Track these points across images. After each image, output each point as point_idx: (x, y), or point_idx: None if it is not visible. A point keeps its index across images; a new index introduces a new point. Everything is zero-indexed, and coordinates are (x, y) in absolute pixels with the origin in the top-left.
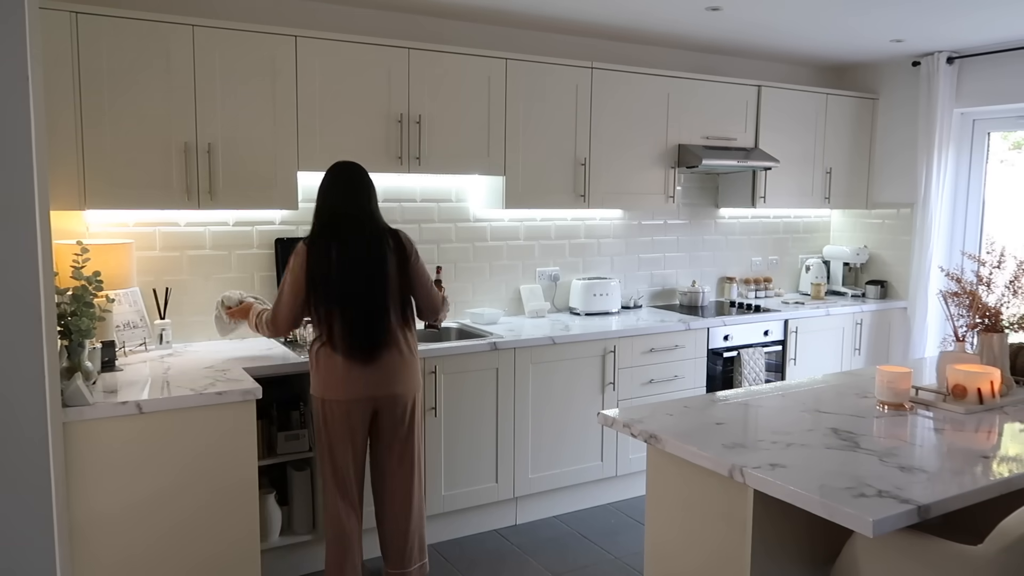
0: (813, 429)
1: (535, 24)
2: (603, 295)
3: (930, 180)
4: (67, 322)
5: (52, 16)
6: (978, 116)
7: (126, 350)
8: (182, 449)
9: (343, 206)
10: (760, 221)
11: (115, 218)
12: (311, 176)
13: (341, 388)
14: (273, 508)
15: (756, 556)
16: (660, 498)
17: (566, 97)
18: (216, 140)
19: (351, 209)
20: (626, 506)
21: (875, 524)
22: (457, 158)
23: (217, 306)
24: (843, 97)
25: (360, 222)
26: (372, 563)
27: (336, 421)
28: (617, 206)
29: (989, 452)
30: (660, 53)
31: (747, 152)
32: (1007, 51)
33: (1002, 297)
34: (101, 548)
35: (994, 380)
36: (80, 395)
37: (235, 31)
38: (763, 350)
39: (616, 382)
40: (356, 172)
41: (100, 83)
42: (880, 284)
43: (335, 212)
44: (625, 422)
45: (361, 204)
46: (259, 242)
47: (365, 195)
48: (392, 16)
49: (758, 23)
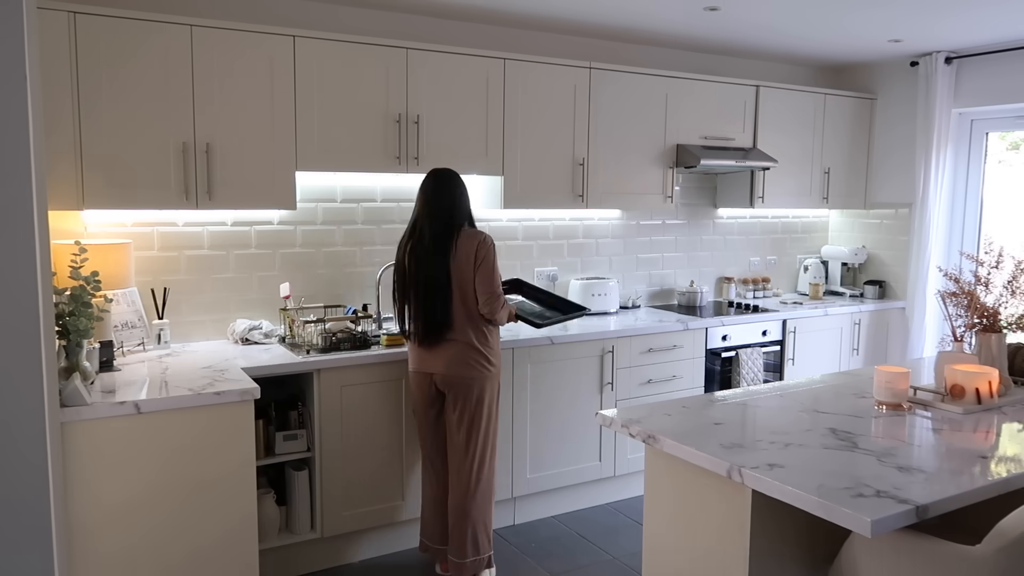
0: (811, 429)
1: (533, 24)
2: (601, 295)
3: (928, 180)
4: (65, 322)
5: (50, 16)
6: (976, 116)
7: (124, 350)
8: (180, 449)
9: (424, 207)
10: (758, 221)
11: (113, 218)
12: (309, 176)
13: (412, 361)
14: (271, 508)
15: (754, 556)
16: (658, 498)
17: (564, 97)
18: (214, 140)
19: (428, 209)
20: (624, 506)
21: (873, 524)
22: (455, 158)
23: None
24: (841, 97)
25: (433, 220)
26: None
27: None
28: (615, 206)
29: (987, 452)
30: (658, 53)
31: (745, 152)
32: (1005, 51)
33: (1000, 297)
34: (99, 547)
35: (992, 380)
36: (78, 395)
37: (233, 31)
38: (761, 350)
39: (614, 382)
40: (443, 175)
41: (98, 83)
42: (878, 284)
43: (417, 215)
44: (623, 422)
45: (439, 204)
46: (257, 242)
47: (448, 196)
48: (390, 16)
49: (756, 23)
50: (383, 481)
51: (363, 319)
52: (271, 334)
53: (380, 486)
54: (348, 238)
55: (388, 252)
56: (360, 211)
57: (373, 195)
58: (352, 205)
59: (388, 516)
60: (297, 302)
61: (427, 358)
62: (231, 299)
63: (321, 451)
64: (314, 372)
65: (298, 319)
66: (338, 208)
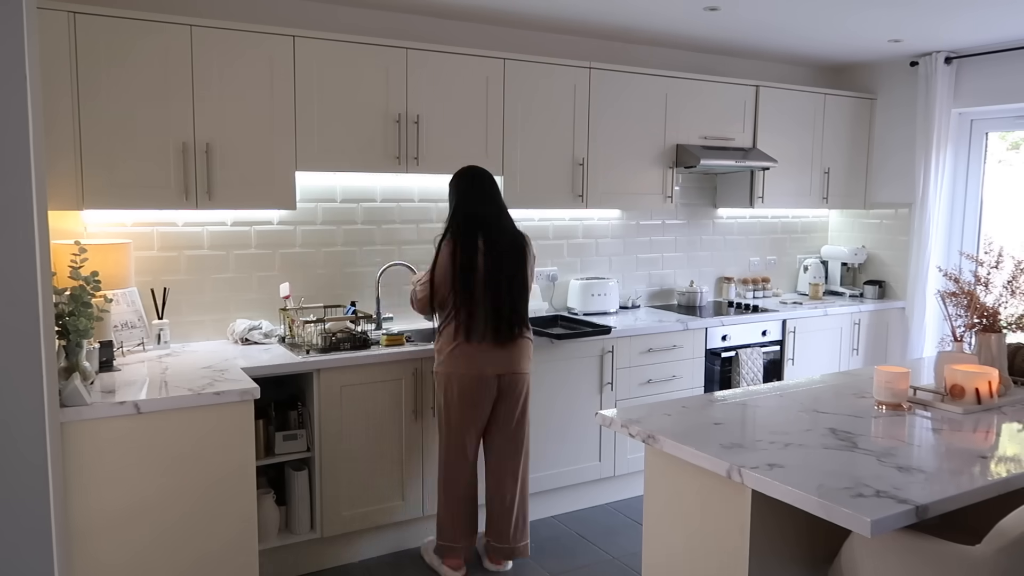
0: (811, 429)
1: (533, 24)
2: (601, 295)
3: (928, 180)
4: (65, 322)
5: (50, 16)
6: (976, 116)
7: (124, 350)
8: (180, 449)
9: (483, 206)
10: (758, 221)
11: (113, 218)
12: (309, 176)
13: (468, 364)
14: (271, 508)
15: (754, 556)
16: (658, 498)
17: (564, 97)
18: (214, 140)
19: (492, 209)
20: (624, 506)
21: (873, 524)
22: (455, 158)
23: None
24: (841, 97)
25: (500, 220)
26: None
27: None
28: (615, 206)
29: (987, 452)
30: (658, 53)
31: (745, 152)
32: (1005, 51)
33: (1000, 297)
34: (98, 548)
35: (992, 380)
36: (78, 395)
37: (233, 31)
38: (761, 350)
39: (614, 382)
40: (487, 174)
41: (98, 83)
42: (878, 284)
43: (475, 212)
44: (623, 422)
45: (500, 204)
46: (257, 242)
47: (499, 194)
48: (390, 16)
49: (756, 23)
50: (383, 481)
51: (363, 319)
52: (271, 334)
53: (380, 486)
54: (348, 238)
55: (388, 252)
56: (360, 211)
57: (373, 195)
58: (352, 205)
59: (388, 516)
60: (297, 302)
61: (493, 358)
62: (231, 299)
63: (321, 451)
64: (314, 372)
65: (298, 319)
66: (338, 208)
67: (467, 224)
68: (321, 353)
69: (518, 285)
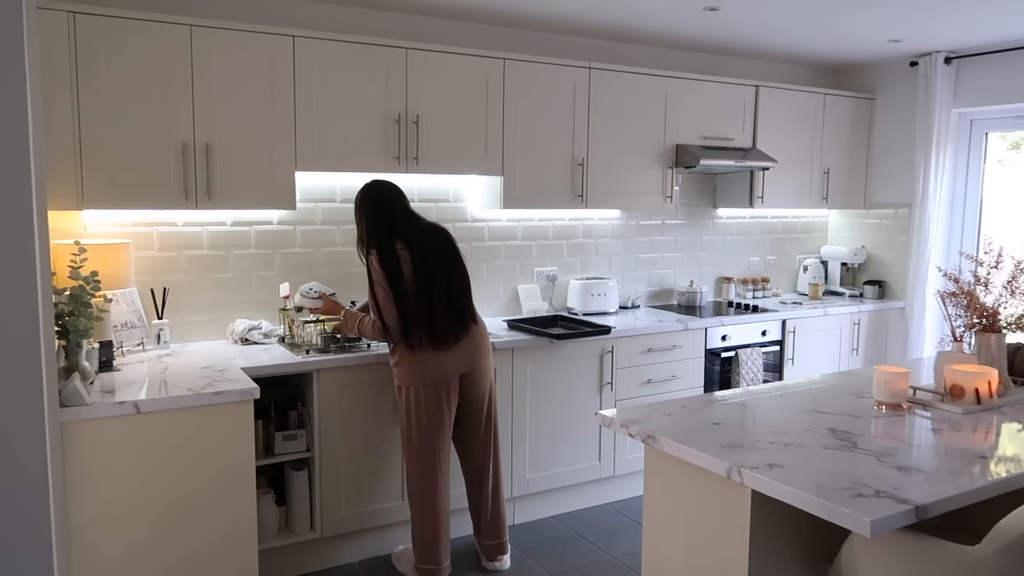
0: (811, 429)
1: (533, 24)
2: (601, 295)
3: (928, 180)
4: (65, 322)
5: (49, 16)
6: (976, 116)
7: (124, 350)
8: (179, 449)
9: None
10: (758, 221)
11: (113, 218)
12: (309, 176)
13: (428, 373)
14: (271, 508)
15: (754, 556)
16: (658, 498)
17: (564, 97)
18: (214, 140)
19: (405, 211)
20: (624, 506)
21: (873, 524)
22: (455, 158)
23: (298, 300)
24: (841, 97)
25: (418, 220)
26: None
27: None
28: (615, 206)
29: (987, 452)
30: (658, 53)
31: (745, 152)
32: (1005, 51)
33: (1000, 297)
34: (98, 548)
35: (992, 380)
36: (78, 395)
37: (233, 31)
38: (761, 350)
39: (614, 382)
40: (391, 184)
41: (97, 83)
42: (878, 284)
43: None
44: (623, 422)
45: (409, 207)
46: (257, 242)
47: (406, 199)
48: (390, 16)
49: (756, 23)
50: (383, 481)
51: None
52: (271, 334)
53: (380, 486)
54: (348, 238)
55: None
56: None
57: None
58: (352, 205)
59: (388, 516)
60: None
61: (452, 359)
62: (231, 299)
63: (320, 451)
64: (314, 372)
65: (297, 319)
66: (338, 208)
67: (389, 233)
68: (321, 353)
69: (457, 278)
